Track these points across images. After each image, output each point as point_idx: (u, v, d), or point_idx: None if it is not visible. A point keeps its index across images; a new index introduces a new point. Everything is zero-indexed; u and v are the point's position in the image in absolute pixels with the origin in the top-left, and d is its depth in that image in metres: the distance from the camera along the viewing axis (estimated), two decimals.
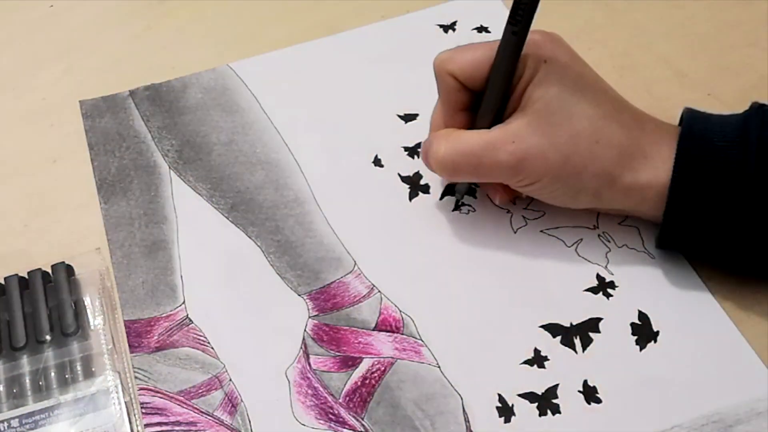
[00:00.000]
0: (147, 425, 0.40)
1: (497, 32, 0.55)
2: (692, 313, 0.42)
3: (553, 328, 0.42)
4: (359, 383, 0.41)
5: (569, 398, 0.40)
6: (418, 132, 0.50)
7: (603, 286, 0.43)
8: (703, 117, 0.42)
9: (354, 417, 0.40)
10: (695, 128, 0.40)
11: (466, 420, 0.40)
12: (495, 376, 0.41)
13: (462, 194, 0.46)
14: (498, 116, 0.42)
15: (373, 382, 0.41)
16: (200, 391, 0.41)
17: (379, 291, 0.44)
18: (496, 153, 0.41)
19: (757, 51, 0.53)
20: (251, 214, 0.47)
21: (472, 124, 0.43)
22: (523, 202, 0.47)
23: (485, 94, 0.42)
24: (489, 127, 0.42)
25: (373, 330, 0.43)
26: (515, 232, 0.46)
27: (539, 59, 0.41)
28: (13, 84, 0.54)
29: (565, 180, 0.41)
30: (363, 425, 0.40)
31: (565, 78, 0.41)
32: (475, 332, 0.42)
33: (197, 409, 0.41)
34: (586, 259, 0.44)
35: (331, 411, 0.40)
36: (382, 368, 0.42)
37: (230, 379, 0.41)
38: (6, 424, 0.39)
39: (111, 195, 0.48)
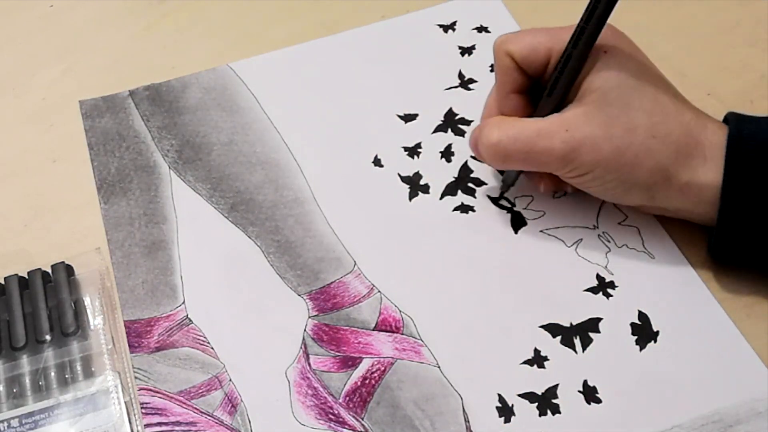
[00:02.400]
0: (147, 425, 0.40)
1: (497, 32, 0.55)
2: (692, 313, 0.42)
3: (553, 328, 0.42)
4: (359, 383, 0.41)
5: (569, 398, 0.40)
6: (418, 132, 0.50)
7: (603, 286, 0.43)
8: (752, 119, 0.41)
9: (354, 417, 0.40)
10: (744, 130, 0.40)
11: (466, 420, 0.40)
12: (495, 376, 0.41)
13: (508, 186, 0.46)
14: (558, 107, 0.42)
15: (373, 382, 0.41)
16: (200, 391, 0.41)
17: (379, 291, 0.44)
18: (548, 141, 0.40)
19: (757, 51, 0.53)
20: (251, 214, 0.47)
21: (525, 110, 0.43)
22: (523, 202, 0.47)
23: (550, 82, 0.41)
24: (543, 116, 0.42)
25: (373, 330, 0.43)
26: (515, 232, 0.46)
27: (599, 49, 0.40)
28: (13, 84, 0.54)
29: (617, 173, 0.40)
30: (363, 425, 0.40)
31: (626, 70, 0.40)
32: (475, 332, 0.42)
33: (197, 409, 0.41)
34: (586, 259, 0.44)
35: (331, 411, 0.40)
36: (382, 368, 0.42)
37: (230, 379, 0.41)
38: (6, 424, 0.39)
39: (111, 195, 0.48)
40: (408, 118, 0.51)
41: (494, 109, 0.45)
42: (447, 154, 0.49)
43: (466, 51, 0.54)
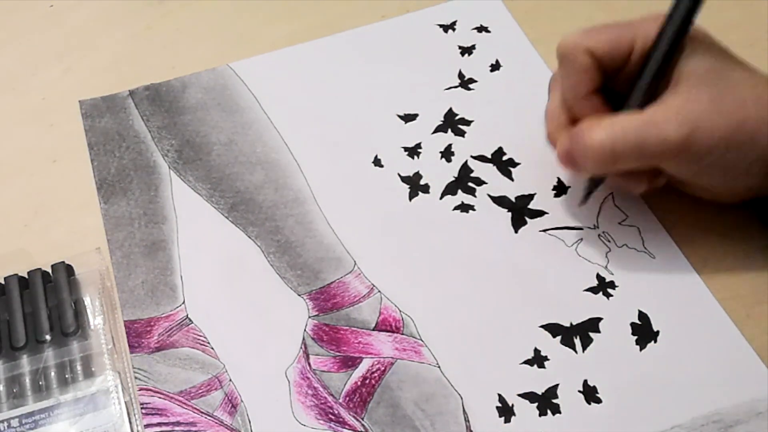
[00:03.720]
0: (147, 425, 0.40)
1: (497, 32, 0.55)
2: (692, 313, 0.42)
3: (553, 328, 0.42)
4: (359, 383, 0.41)
5: (569, 398, 0.40)
6: (418, 132, 0.50)
7: (603, 286, 0.43)
8: None
9: (354, 417, 0.40)
10: None
11: (466, 420, 0.40)
12: (495, 376, 0.41)
13: (591, 190, 0.44)
14: (649, 98, 0.40)
15: (373, 382, 0.41)
16: (200, 391, 0.41)
17: (379, 291, 0.44)
18: (660, 129, 0.38)
19: (757, 51, 0.53)
20: (251, 214, 0.47)
21: (603, 111, 0.42)
22: (525, 201, 0.47)
23: (639, 78, 0.40)
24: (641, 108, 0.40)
25: (373, 330, 0.43)
26: (515, 232, 0.46)
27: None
28: (13, 84, 0.54)
29: (738, 148, 0.39)
30: (363, 425, 0.40)
31: (715, 50, 0.40)
32: (475, 332, 0.42)
33: (197, 410, 0.41)
34: (586, 259, 0.44)
35: (331, 411, 0.40)
36: (382, 368, 0.42)
37: (230, 379, 0.41)
38: (6, 424, 0.39)
39: (111, 195, 0.48)
40: (408, 118, 0.51)
41: (564, 116, 0.43)
42: (447, 154, 0.49)
43: (466, 51, 0.54)
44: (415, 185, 0.48)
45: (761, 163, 0.40)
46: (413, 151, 0.49)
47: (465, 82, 0.52)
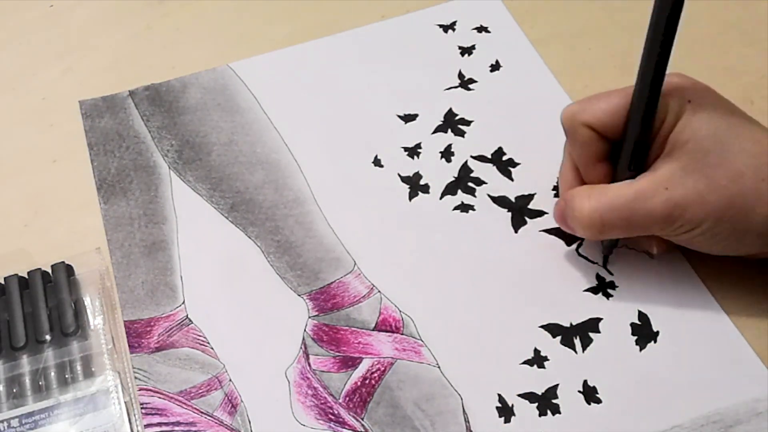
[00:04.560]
0: (147, 425, 0.40)
1: (497, 32, 0.55)
2: (692, 313, 0.42)
3: (553, 328, 0.42)
4: (359, 383, 0.41)
5: (569, 398, 0.40)
6: (418, 132, 0.50)
7: (603, 286, 0.43)
8: None
9: (354, 417, 0.40)
10: None
11: (466, 420, 0.40)
12: (495, 376, 0.41)
13: (610, 250, 0.44)
14: (638, 165, 0.40)
15: (372, 382, 0.41)
16: (200, 391, 0.41)
17: (379, 291, 0.44)
18: (648, 203, 0.38)
19: (757, 51, 0.53)
20: (251, 214, 0.47)
21: (611, 176, 0.41)
22: (525, 201, 0.47)
23: (624, 143, 0.40)
24: (630, 178, 0.40)
25: (373, 330, 0.43)
26: (515, 232, 0.46)
27: (683, 100, 0.39)
28: (13, 84, 0.54)
29: (729, 223, 0.38)
30: (363, 425, 0.40)
31: (716, 116, 0.38)
32: (475, 332, 0.42)
33: (197, 410, 0.41)
34: (586, 259, 0.44)
35: (331, 411, 0.40)
36: (382, 368, 0.42)
37: (230, 380, 0.41)
38: (6, 424, 0.39)
39: (111, 195, 0.48)
40: (408, 118, 0.51)
41: (574, 178, 0.43)
42: (447, 154, 0.49)
43: (466, 51, 0.54)
44: (415, 185, 0.48)
45: (752, 235, 0.38)
46: (413, 151, 0.49)
47: (465, 83, 0.52)
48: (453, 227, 0.46)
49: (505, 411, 0.40)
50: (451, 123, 0.51)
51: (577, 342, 0.42)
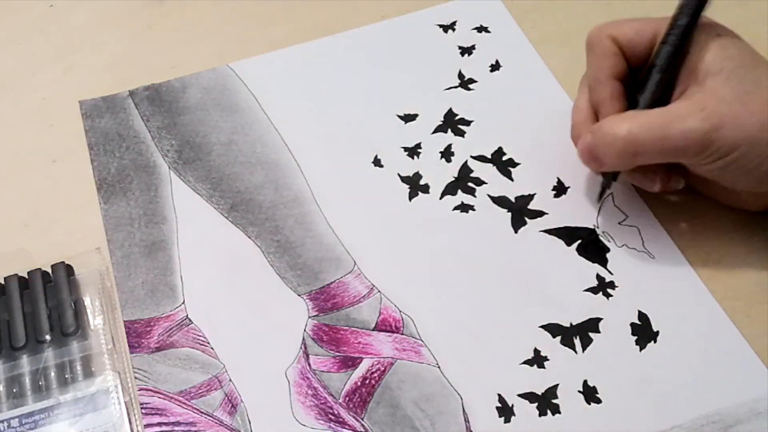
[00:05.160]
0: (147, 425, 0.40)
1: (497, 32, 0.55)
2: (692, 313, 0.42)
3: (553, 328, 0.42)
4: (359, 383, 0.41)
5: (569, 398, 0.40)
6: (418, 132, 0.50)
7: (603, 286, 0.43)
8: None
9: (354, 417, 0.40)
10: None
11: (466, 420, 0.40)
12: (495, 376, 0.41)
13: (609, 183, 0.44)
14: (662, 98, 0.41)
15: (372, 382, 0.41)
16: (200, 391, 0.41)
17: (379, 291, 0.44)
18: (684, 123, 0.38)
19: (757, 51, 0.53)
20: (251, 214, 0.47)
21: (622, 100, 0.42)
22: (525, 201, 0.47)
23: (650, 71, 0.41)
24: (653, 107, 0.40)
25: (373, 330, 0.43)
26: (515, 232, 0.46)
27: (710, 34, 0.40)
28: (13, 84, 0.54)
29: (763, 148, 0.38)
30: (363, 425, 0.40)
31: (744, 51, 0.40)
32: (475, 332, 0.42)
33: (197, 410, 0.41)
34: (586, 259, 0.44)
35: (331, 411, 0.40)
36: (382, 368, 0.42)
37: (230, 380, 0.41)
38: (6, 424, 0.39)
39: (111, 195, 0.48)
40: (408, 118, 0.51)
41: (589, 112, 0.43)
42: (447, 154, 0.49)
43: (466, 51, 0.54)
44: (415, 185, 0.48)
45: None
46: (413, 151, 0.49)
47: (465, 83, 0.52)
48: (453, 227, 0.46)
49: (505, 411, 0.40)
50: (451, 123, 0.51)
51: (577, 342, 0.42)
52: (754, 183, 0.40)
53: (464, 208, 0.47)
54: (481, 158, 0.49)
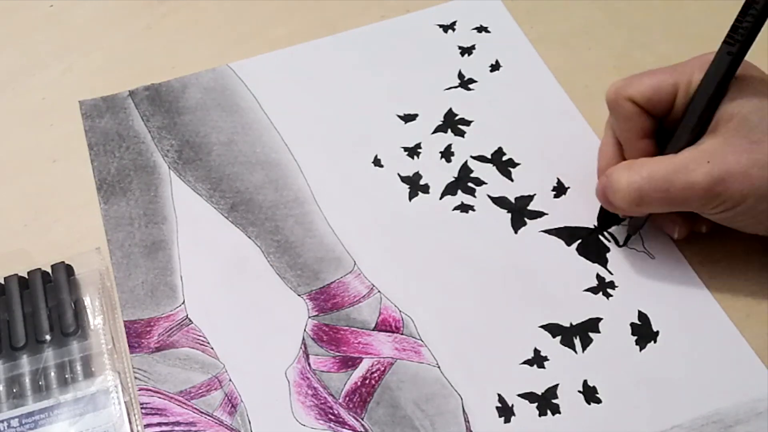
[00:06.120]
0: (147, 425, 0.40)
1: (497, 32, 0.55)
2: (692, 313, 0.42)
3: (553, 328, 0.42)
4: (359, 383, 0.41)
5: (569, 398, 0.40)
6: (418, 132, 0.50)
7: (603, 286, 0.43)
8: None
9: (354, 417, 0.40)
10: None
11: (466, 420, 0.40)
12: (495, 376, 0.41)
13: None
14: (692, 142, 0.40)
15: (372, 382, 0.41)
16: (200, 391, 0.41)
17: (379, 291, 0.44)
18: (689, 175, 0.38)
19: (756, 51, 0.53)
20: (251, 214, 0.47)
21: (655, 153, 0.41)
22: (525, 201, 0.47)
23: (684, 119, 0.40)
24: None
25: (373, 330, 0.43)
26: (515, 232, 0.46)
27: (739, 78, 0.39)
28: (13, 84, 0.54)
29: None
30: (363, 425, 0.40)
31: (760, 92, 0.38)
32: (475, 332, 0.42)
33: (197, 410, 0.41)
34: (586, 259, 0.44)
35: (331, 411, 0.40)
36: (382, 368, 0.42)
37: (230, 380, 0.41)
38: (6, 424, 0.39)
39: (111, 195, 0.48)
40: (408, 118, 0.51)
41: (614, 155, 0.43)
42: (447, 154, 0.49)
43: (466, 51, 0.54)
44: (415, 185, 0.48)
45: None
46: (413, 151, 0.49)
47: (465, 83, 0.52)
48: (453, 227, 0.46)
49: (505, 411, 0.40)
50: (451, 123, 0.51)
51: (577, 342, 0.42)
52: (764, 230, 0.40)
53: (464, 208, 0.47)
54: (481, 158, 0.49)
